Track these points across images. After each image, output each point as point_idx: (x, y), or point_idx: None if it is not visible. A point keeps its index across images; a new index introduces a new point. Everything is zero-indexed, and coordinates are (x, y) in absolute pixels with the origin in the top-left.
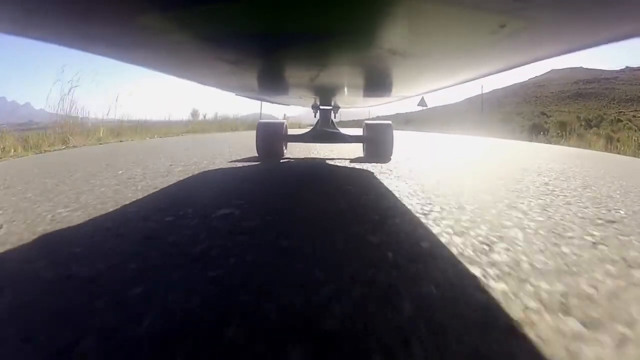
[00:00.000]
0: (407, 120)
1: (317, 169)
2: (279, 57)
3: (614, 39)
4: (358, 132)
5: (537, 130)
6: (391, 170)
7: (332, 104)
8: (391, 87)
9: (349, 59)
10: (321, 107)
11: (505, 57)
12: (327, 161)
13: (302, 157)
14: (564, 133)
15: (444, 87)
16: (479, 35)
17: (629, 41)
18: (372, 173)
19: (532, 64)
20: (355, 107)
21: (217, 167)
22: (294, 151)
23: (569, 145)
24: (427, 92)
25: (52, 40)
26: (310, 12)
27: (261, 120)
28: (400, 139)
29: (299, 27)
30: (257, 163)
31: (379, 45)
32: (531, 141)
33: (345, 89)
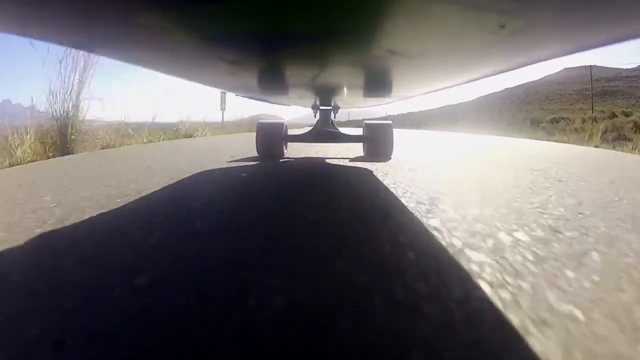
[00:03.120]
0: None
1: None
2: (278, 57)
3: (615, 39)
4: (359, 132)
5: None
6: None
7: (332, 104)
8: (391, 87)
9: (349, 59)
10: (321, 107)
11: (505, 57)
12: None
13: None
14: None
15: (444, 88)
16: (479, 36)
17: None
18: None
19: (536, 63)
20: (356, 108)
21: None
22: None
23: None
24: (427, 93)
25: (52, 40)
26: (310, 12)
27: (261, 121)
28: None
29: (299, 27)
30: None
31: (379, 45)
32: None
33: (345, 89)
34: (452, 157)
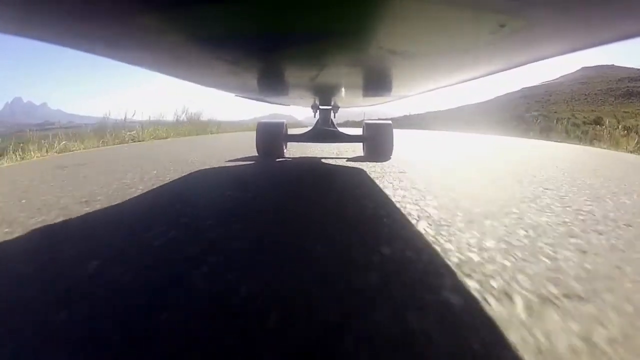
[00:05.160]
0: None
1: None
2: (278, 57)
3: (614, 38)
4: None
5: None
6: None
7: (332, 103)
8: (391, 87)
9: (348, 59)
10: (321, 107)
11: (505, 56)
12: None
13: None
14: None
15: (444, 87)
16: (478, 35)
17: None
18: None
19: (536, 62)
20: (355, 107)
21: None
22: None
23: None
24: (426, 92)
25: (52, 40)
26: (309, 12)
27: (261, 120)
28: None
29: (299, 27)
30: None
31: (379, 45)
32: None
33: (345, 89)
34: None
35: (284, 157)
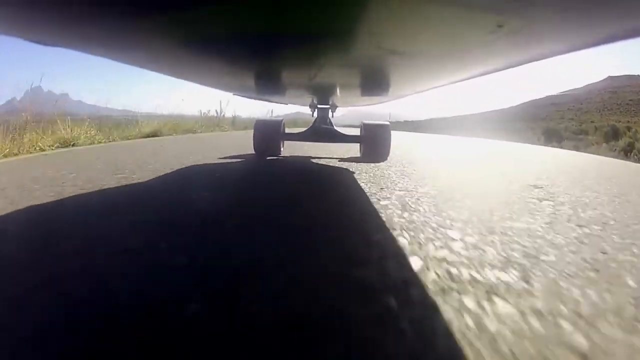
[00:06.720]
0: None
1: None
2: (276, 57)
3: (614, 38)
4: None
5: None
6: None
7: (330, 102)
8: (389, 86)
9: (346, 59)
10: (319, 106)
11: (503, 56)
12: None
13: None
14: None
15: (441, 86)
16: (477, 35)
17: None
18: None
19: (535, 62)
20: (354, 106)
21: None
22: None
23: None
24: (423, 91)
25: (51, 42)
26: (307, 12)
27: (259, 119)
28: None
29: (296, 28)
30: None
31: (377, 44)
32: None
33: (343, 88)
34: None
35: (280, 156)
